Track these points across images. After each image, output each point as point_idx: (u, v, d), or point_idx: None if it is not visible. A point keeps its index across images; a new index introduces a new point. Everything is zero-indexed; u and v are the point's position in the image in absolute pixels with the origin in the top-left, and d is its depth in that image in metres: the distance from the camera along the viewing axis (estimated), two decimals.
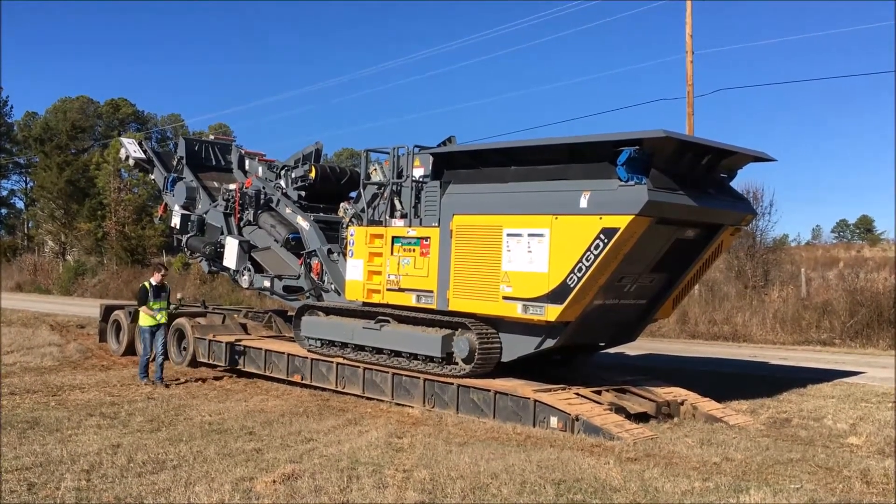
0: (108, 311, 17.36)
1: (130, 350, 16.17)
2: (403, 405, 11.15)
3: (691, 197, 9.60)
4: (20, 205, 77.75)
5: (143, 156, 18.27)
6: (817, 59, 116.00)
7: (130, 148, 18.46)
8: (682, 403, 10.60)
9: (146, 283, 13.12)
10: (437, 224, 11.04)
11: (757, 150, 10.70)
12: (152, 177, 18.89)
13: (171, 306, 13.69)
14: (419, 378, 11.09)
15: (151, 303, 13.00)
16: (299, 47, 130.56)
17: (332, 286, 13.32)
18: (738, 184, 11.08)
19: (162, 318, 13.20)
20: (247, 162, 17.04)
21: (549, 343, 10.19)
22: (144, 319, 13.10)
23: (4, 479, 7.01)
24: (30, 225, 70.13)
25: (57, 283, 42.78)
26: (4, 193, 78.76)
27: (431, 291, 11.04)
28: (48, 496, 6.54)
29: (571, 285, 9.46)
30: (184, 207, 16.73)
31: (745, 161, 10.72)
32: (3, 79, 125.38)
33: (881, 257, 37.46)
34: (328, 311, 12.92)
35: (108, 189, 48.36)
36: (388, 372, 11.51)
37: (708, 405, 10.60)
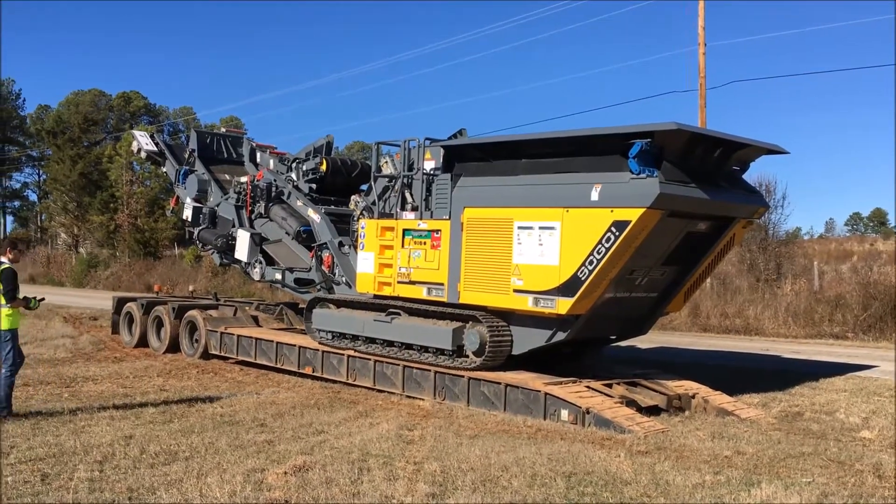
0: (120, 303, 17.45)
1: (143, 342, 16.27)
2: (414, 398, 11.17)
3: (703, 190, 9.56)
4: (33, 197, 78.37)
5: (154, 148, 18.35)
6: (831, 51, 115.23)
7: (142, 141, 18.54)
8: (693, 397, 10.57)
9: (8, 265, 9.28)
10: (447, 217, 11.04)
11: (770, 142, 10.65)
12: (164, 169, 18.97)
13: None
14: (430, 371, 11.10)
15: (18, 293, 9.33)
16: (310, 40, 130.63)
17: (343, 279, 13.34)
18: (750, 176, 11.08)
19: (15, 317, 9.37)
20: (258, 155, 17.08)
21: (560, 336, 10.18)
22: (14, 319, 9.34)
23: (18, 469, 7.07)
24: (43, 217, 70.52)
25: (70, 275, 43.02)
26: (18, 186, 79.46)
27: (442, 284, 11.04)
28: (62, 486, 6.59)
29: (582, 278, 9.44)
30: (195, 200, 16.79)
31: (758, 153, 10.66)
32: (17, 73, 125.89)
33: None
34: (339, 303, 12.95)
35: (121, 182, 48.53)
36: (398, 364, 11.53)
37: (719, 398, 10.58)
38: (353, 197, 13.46)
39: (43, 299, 10.15)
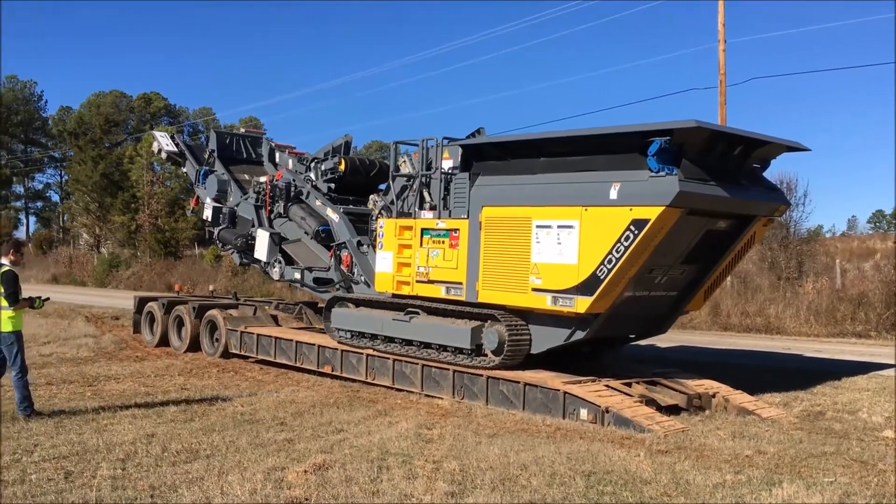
0: (141, 302, 17.59)
1: (164, 341, 16.39)
2: (433, 396, 11.18)
3: (723, 188, 9.50)
4: (56, 198, 79.24)
5: (175, 149, 18.48)
6: (853, 47, 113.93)
7: (163, 141, 18.68)
8: (713, 396, 10.51)
9: (9, 267, 9.29)
10: (466, 216, 11.04)
11: (791, 139, 10.57)
12: (184, 170, 19.11)
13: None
14: (448, 369, 11.11)
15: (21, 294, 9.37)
16: (327, 41, 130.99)
17: (362, 278, 13.38)
18: (771, 174, 10.97)
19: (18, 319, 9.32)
20: (277, 154, 17.16)
21: (579, 335, 10.15)
22: (17, 321, 9.29)
23: (42, 467, 7.15)
24: (65, 218, 71.25)
25: (92, 275, 43.43)
26: (40, 187, 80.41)
27: (461, 283, 11.04)
28: (85, 484, 6.66)
29: (601, 277, 9.41)
30: (215, 200, 16.89)
31: (779, 151, 10.58)
32: (39, 75, 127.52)
33: None
34: (358, 302, 12.99)
35: (142, 182, 48.98)
36: (417, 363, 11.54)
37: (740, 398, 10.51)
38: (371, 196, 13.49)
39: (48, 298, 10.09)
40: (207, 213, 17.06)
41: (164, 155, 18.66)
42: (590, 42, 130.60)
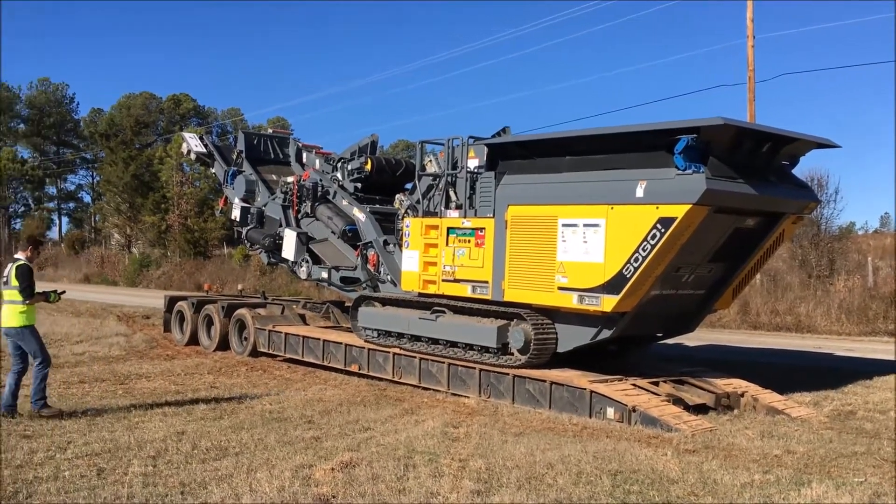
0: (172, 301, 17.80)
1: (194, 340, 16.58)
2: (459, 395, 11.21)
3: (751, 185, 9.42)
4: (87, 199, 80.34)
5: (203, 150, 18.67)
6: (883, 42, 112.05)
7: (192, 142, 18.89)
8: (742, 395, 10.43)
9: (23, 262, 9.55)
10: (491, 215, 11.05)
11: (821, 136, 10.45)
12: (213, 170, 19.29)
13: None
14: (475, 368, 11.12)
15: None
16: (352, 41, 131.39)
17: (389, 277, 13.43)
18: (802, 171, 10.87)
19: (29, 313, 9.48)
20: (304, 155, 17.27)
21: (606, 334, 10.12)
22: (30, 316, 9.48)
23: (75, 463, 7.28)
24: (97, 218, 72.25)
25: (123, 274, 43.99)
26: (72, 188, 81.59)
27: (487, 282, 11.06)
28: (117, 481, 6.76)
29: (628, 276, 9.38)
30: (243, 200, 17.05)
31: (808, 148, 10.47)
32: (70, 78, 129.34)
33: None
34: (385, 301, 13.05)
35: (171, 183, 49.45)
36: (443, 362, 11.57)
37: (769, 397, 10.41)
38: (397, 196, 13.55)
39: (63, 292, 10.17)
40: (236, 214, 17.22)
41: (193, 156, 18.90)
42: (622, 39, 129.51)
